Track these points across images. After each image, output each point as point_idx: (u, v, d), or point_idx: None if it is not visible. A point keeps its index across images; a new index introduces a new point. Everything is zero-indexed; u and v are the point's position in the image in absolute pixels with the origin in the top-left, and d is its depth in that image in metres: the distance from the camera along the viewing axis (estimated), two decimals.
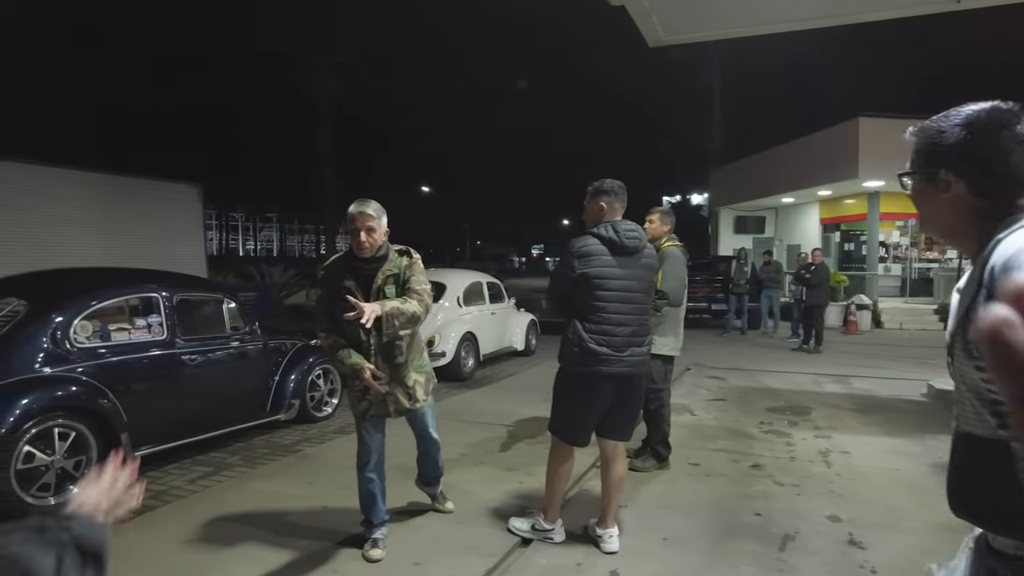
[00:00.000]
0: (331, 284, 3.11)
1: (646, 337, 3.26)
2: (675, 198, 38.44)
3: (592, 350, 3.09)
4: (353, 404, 3.25)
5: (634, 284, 3.16)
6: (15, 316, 4.11)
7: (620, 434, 3.35)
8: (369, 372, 3.04)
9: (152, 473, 4.52)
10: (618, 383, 3.18)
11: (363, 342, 3.07)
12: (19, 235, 9.48)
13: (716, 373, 8.36)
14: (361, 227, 2.98)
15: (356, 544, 3.30)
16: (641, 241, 3.20)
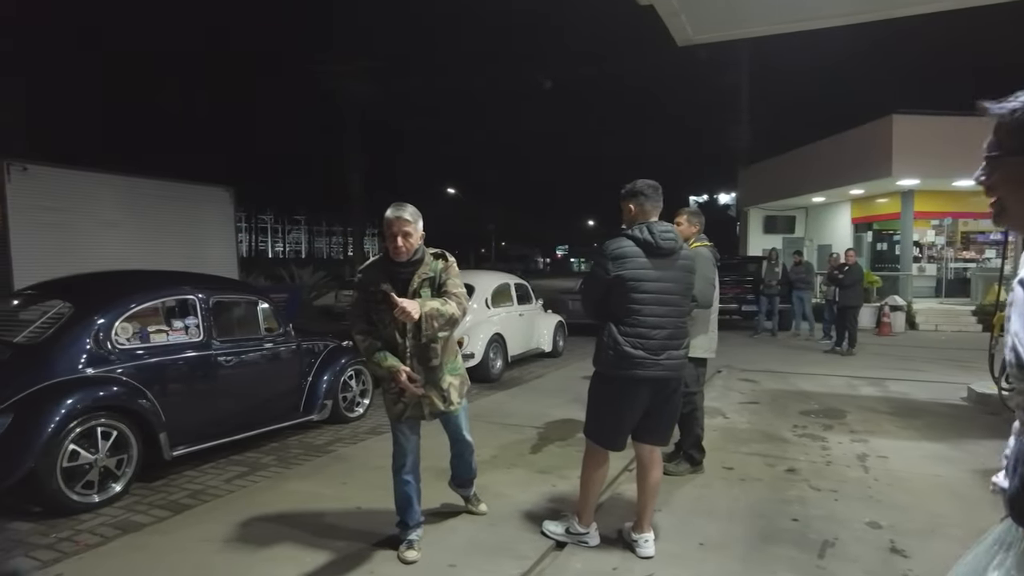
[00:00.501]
0: (367, 287, 3.13)
1: (684, 340, 3.22)
2: (702, 198, 38.09)
3: (628, 353, 3.06)
4: (388, 407, 3.25)
5: (670, 286, 3.13)
6: (60, 318, 4.22)
7: (657, 439, 3.32)
8: (405, 375, 3.05)
9: (189, 472, 4.61)
10: (655, 387, 3.15)
11: (399, 344, 3.09)
12: (62, 238, 9.74)
13: (748, 375, 8.26)
14: (398, 232, 3.01)
15: (391, 545, 3.32)
16: (677, 242, 3.17)
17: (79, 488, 3.88)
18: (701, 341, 4.33)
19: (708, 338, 4.40)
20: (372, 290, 3.09)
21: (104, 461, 3.98)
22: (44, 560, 3.28)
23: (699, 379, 4.50)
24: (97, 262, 8.10)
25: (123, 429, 4.08)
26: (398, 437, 3.27)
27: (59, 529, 3.66)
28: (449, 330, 3.17)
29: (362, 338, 3.14)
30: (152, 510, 3.95)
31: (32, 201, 9.61)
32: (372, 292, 3.08)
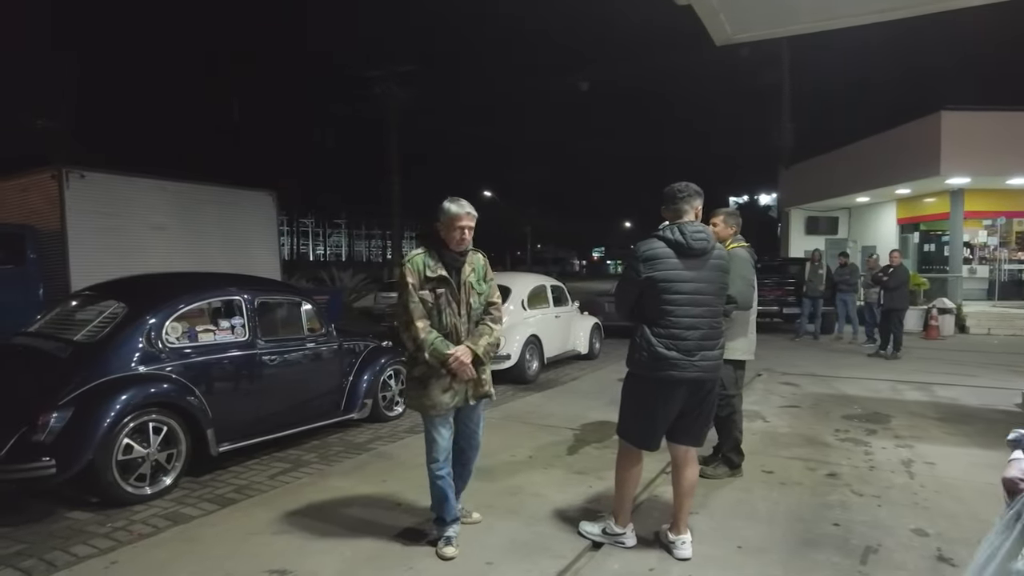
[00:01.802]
0: (424, 275, 3.20)
1: (718, 341, 3.19)
2: (742, 198, 37.48)
3: (661, 354, 3.06)
4: (437, 399, 3.22)
5: (704, 287, 3.11)
6: (115, 318, 4.41)
7: (692, 440, 3.31)
8: (464, 355, 3.19)
9: (235, 468, 4.76)
10: (689, 388, 3.14)
11: (455, 330, 3.25)
12: (115, 241, 10.13)
13: (789, 379, 8.11)
14: (465, 225, 3.21)
15: (430, 542, 3.38)
16: (709, 242, 3.14)
17: (132, 481, 4.04)
18: (739, 343, 4.30)
19: (747, 340, 4.37)
20: (430, 276, 3.19)
21: (155, 455, 4.15)
22: (101, 548, 3.44)
23: (737, 382, 4.46)
24: (147, 264, 8.42)
25: (173, 425, 4.24)
26: (433, 433, 3.30)
27: (114, 519, 3.83)
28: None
29: (424, 325, 3.17)
30: (200, 503, 4.10)
31: (88, 206, 10.03)
32: (429, 279, 3.19)
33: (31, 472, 3.72)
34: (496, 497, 4.07)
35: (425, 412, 3.28)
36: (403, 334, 3.24)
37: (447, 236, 3.23)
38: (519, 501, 4.03)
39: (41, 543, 3.54)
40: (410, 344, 3.21)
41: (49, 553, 3.41)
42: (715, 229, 4.27)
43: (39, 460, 3.72)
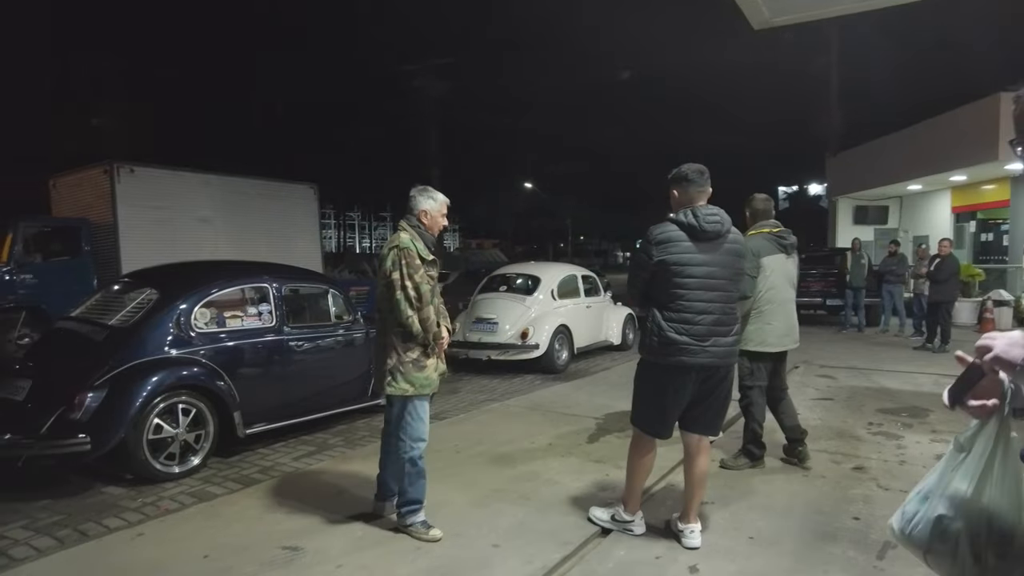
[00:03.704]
0: (422, 258, 3.29)
1: (732, 327, 3.13)
2: (791, 188, 36.48)
3: (672, 339, 3.01)
4: (431, 376, 3.32)
5: (716, 271, 3.05)
6: (148, 303, 4.60)
7: (705, 428, 3.25)
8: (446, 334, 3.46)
9: (262, 450, 4.92)
10: (701, 374, 3.09)
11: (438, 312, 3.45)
12: (163, 233, 10.55)
13: (826, 372, 7.90)
14: (446, 214, 3.51)
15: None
16: (723, 226, 3.07)
17: (162, 459, 4.23)
18: (749, 333, 4.19)
19: (759, 330, 4.21)
20: (423, 259, 3.29)
21: (184, 436, 4.33)
22: (130, 521, 3.62)
23: (752, 372, 4.34)
24: (193, 255, 8.73)
25: (201, 407, 4.42)
26: (421, 412, 3.34)
27: (145, 495, 4.02)
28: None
29: (433, 308, 3.31)
30: (226, 482, 4.26)
31: (138, 200, 10.47)
32: (425, 261, 3.30)
33: (69, 448, 3.93)
34: (510, 482, 4.11)
35: (422, 392, 3.30)
36: (410, 316, 3.19)
37: (433, 223, 3.42)
38: (533, 487, 4.05)
39: (77, 514, 3.74)
40: (416, 327, 3.21)
41: (83, 524, 3.61)
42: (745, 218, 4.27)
43: (76, 437, 3.93)
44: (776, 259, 4.22)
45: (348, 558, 3.12)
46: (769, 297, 4.19)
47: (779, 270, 4.24)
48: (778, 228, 4.32)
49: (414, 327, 3.22)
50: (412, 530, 3.31)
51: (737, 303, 4.02)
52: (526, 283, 8.94)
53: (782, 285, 4.27)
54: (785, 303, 4.30)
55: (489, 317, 8.34)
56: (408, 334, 3.24)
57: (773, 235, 4.27)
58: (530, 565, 3.02)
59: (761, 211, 4.38)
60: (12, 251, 9.50)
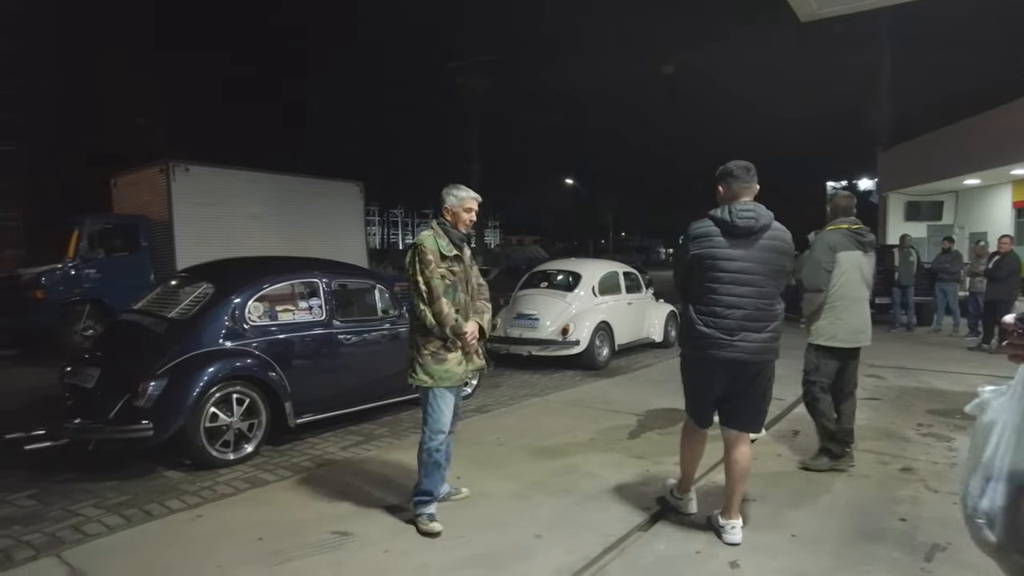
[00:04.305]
0: (439, 254, 3.35)
1: (767, 323, 3.11)
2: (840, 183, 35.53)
3: (701, 332, 3.09)
4: (453, 370, 3.38)
5: (750, 266, 3.05)
6: (204, 297, 4.82)
7: (742, 424, 3.27)
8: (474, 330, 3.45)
9: (311, 439, 5.10)
10: (732, 369, 3.12)
11: (460, 308, 3.45)
12: (215, 229, 10.94)
13: (874, 371, 7.71)
14: (473, 207, 3.51)
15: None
16: (757, 222, 3.06)
17: (218, 446, 4.44)
18: (820, 327, 4.23)
19: (830, 325, 4.21)
20: (445, 255, 3.36)
21: (238, 424, 4.53)
22: (190, 504, 3.82)
23: (818, 367, 4.31)
24: (244, 251, 9.01)
25: (254, 397, 4.62)
26: (442, 405, 3.41)
27: (202, 479, 4.22)
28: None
29: (448, 302, 3.33)
30: (277, 469, 4.45)
31: (191, 198, 10.88)
32: (446, 257, 3.36)
33: (133, 433, 4.16)
34: (551, 475, 4.17)
35: (440, 384, 3.37)
36: (423, 310, 3.31)
37: (457, 218, 3.47)
38: (573, 480, 4.10)
39: (142, 495, 3.97)
40: (430, 320, 3.30)
41: (148, 504, 3.82)
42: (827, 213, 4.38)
43: (140, 423, 4.16)
44: (852, 255, 4.21)
45: (394, 544, 3.23)
46: (842, 292, 4.18)
47: (854, 266, 4.23)
48: (857, 225, 4.31)
49: (427, 320, 3.32)
50: (418, 520, 3.39)
51: (810, 296, 4.09)
52: (567, 279, 8.98)
53: (856, 281, 4.24)
54: (859, 300, 4.28)
55: (530, 313, 8.42)
56: (423, 327, 3.35)
57: (851, 231, 4.25)
58: (572, 556, 3.08)
59: (842, 207, 4.36)
60: (78, 247, 10.00)
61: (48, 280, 9.76)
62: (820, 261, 4.16)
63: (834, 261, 4.17)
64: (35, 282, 9.73)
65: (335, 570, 2.97)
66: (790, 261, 3.25)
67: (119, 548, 3.23)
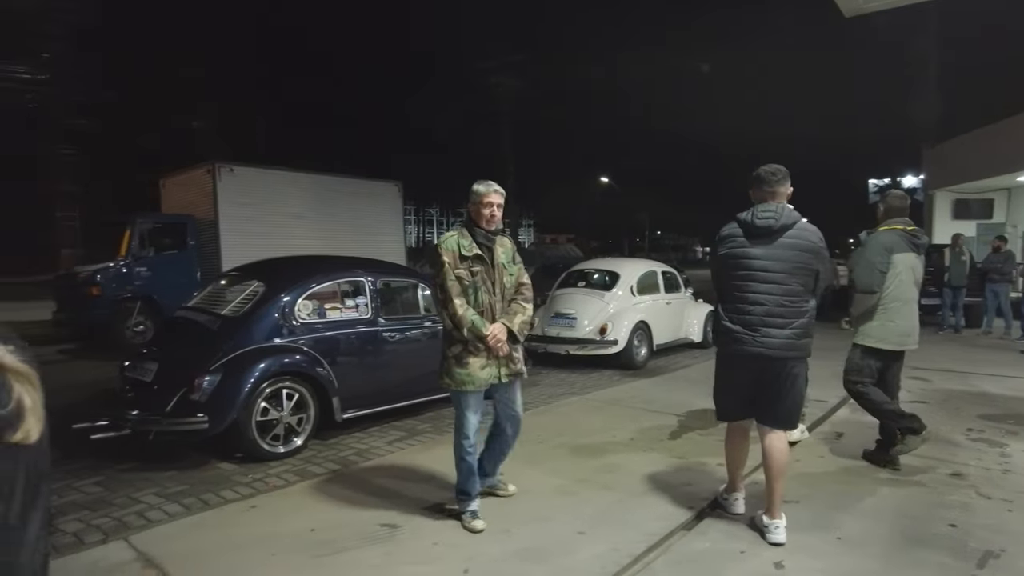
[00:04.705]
0: (459, 254, 3.31)
1: (792, 320, 3.18)
2: (883, 181, 34.64)
3: (727, 328, 3.29)
4: (475, 373, 3.32)
5: (771, 264, 3.19)
6: (255, 296, 4.98)
7: (773, 421, 3.34)
8: (498, 331, 3.30)
9: (357, 434, 5.24)
10: (756, 365, 3.23)
11: (485, 310, 3.35)
12: (258, 228, 11.23)
13: (920, 374, 7.55)
14: (494, 202, 3.36)
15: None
16: (777, 221, 3.19)
17: (269, 440, 4.59)
18: (868, 328, 4.19)
19: (880, 327, 4.17)
20: (465, 255, 3.31)
21: (287, 419, 4.67)
22: (243, 494, 3.97)
23: (861, 369, 4.27)
24: (287, 249, 9.24)
25: (303, 392, 4.76)
26: (466, 410, 3.39)
27: (254, 472, 4.37)
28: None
29: (462, 302, 3.27)
30: (325, 463, 4.58)
31: (236, 198, 11.18)
32: (465, 258, 3.30)
33: (189, 426, 4.33)
34: (593, 473, 4.22)
35: (462, 388, 3.35)
36: (441, 312, 3.36)
37: (477, 215, 3.38)
38: (615, 478, 4.14)
39: (198, 485, 4.13)
40: (448, 322, 3.31)
41: (204, 494, 3.98)
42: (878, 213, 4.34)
43: (195, 416, 4.32)
44: (907, 257, 4.17)
45: (441, 536, 3.32)
46: (895, 295, 4.15)
47: (908, 268, 4.19)
48: (911, 226, 4.27)
49: (444, 321, 3.36)
50: (461, 517, 3.46)
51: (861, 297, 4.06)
52: (604, 279, 8.98)
53: (909, 283, 4.21)
54: (909, 302, 4.24)
55: (567, 312, 8.46)
56: (445, 329, 3.38)
57: (906, 232, 4.21)
58: (616, 552, 3.13)
59: (896, 208, 4.31)
60: (130, 246, 10.37)
61: (103, 277, 10.14)
62: (874, 262, 4.11)
63: (889, 263, 4.13)
64: (91, 279, 10.13)
65: (385, 560, 3.07)
66: (817, 259, 3.27)
67: (179, 535, 3.38)
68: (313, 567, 3.01)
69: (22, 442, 1.00)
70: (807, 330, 3.23)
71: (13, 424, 0.98)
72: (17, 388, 1.00)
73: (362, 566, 3.01)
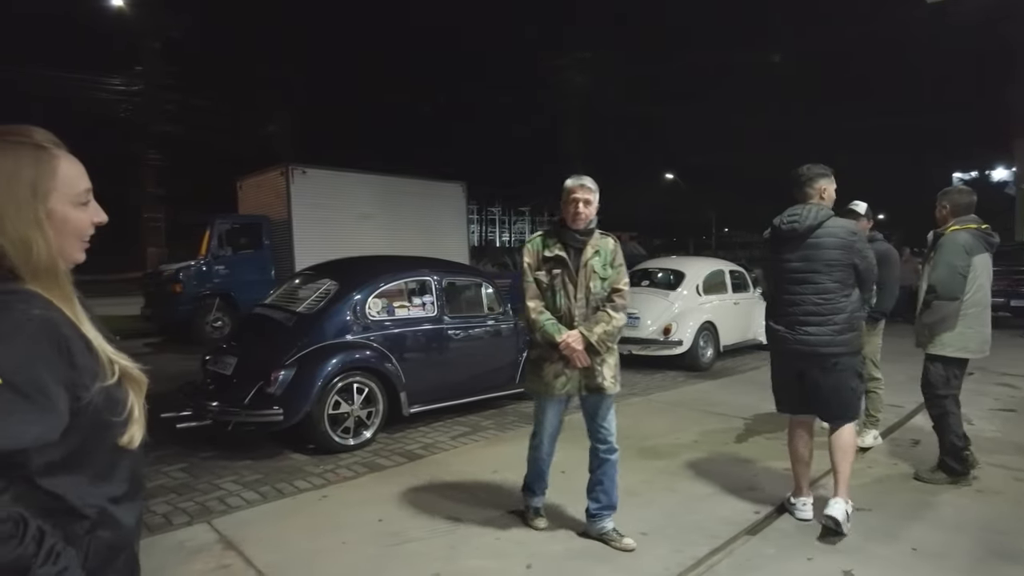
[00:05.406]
0: (541, 255, 3.16)
1: (830, 317, 3.27)
2: (969, 174, 32.74)
3: (771, 327, 3.50)
4: (548, 381, 3.14)
5: (801, 265, 3.31)
6: (329, 294, 5.18)
7: (824, 414, 3.48)
8: (575, 340, 3.04)
9: (422, 428, 5.38)
10: (799, 362, 3.37)
11: (564, 315, 3.12)
12: (329, 228, 11.61)
13: (1007, 380, 7.15)
14: (580, 198, 3.07)
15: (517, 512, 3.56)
16: (801, 224, 3.29)
17: (339, 432, 4.78)
18: (949, 337, 3.94)
19: (961, 335, 3.93)
20: (547, 256, 3.13)
21: (358, 412, 4.85)
22: (315, 484, 4.15)
23: (948, 381, 4.04)
24: (356, 248, 9.54)
25: (373, 386, 4.93)
26: (541, 415, 3.30)
27: (325, 463, 4.56)
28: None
29: (535, 305, 3.11)
30: (392, 456, 4.73)
31: (308, 199, 11.59)
32: (546, 259, 3.13)
33: (265, 417, 4.55)
34: (656, 474, 4.20)
35: (536, 394, 3.26)
36: (522, 314, 3.28)
37: (565, 213, 3.13)
38: (679, 481, 4.11)
39: (273, 474, 4.34)
40: (526, 324, 3.23)
41: (279, 483, 4.18)
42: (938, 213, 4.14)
43: (271, 409, 4.54)
44: (985, 259, 3.95)
45: (504, 532, 3.38)
46: (976, 299, 3.93)
47: (986, 270, 3.96)
48: (985, 225, 4.02)
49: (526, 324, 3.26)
50: (525, 515, 3.49)
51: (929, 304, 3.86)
52: (668, 278, 8.87)
53: (987, 287, 3.99)
54: (988, 307, 4.02)
55: (630, 312, 8.36)
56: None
57: (981, 232, 3.96)
58: (679, 555, 3.11)
59: (963, 205, 4.04)
60: (210, 245, 10.93)
61: (185, 275, 10.73)
62: (956, 266, 3.85)
63: (970, 265, 3.88)
64: (174, 277, 10.73)
65: (450, 553, 3.16)
66: (849, 253, 3.29)
67: (257, 520, 3.57)
68: (381, 556, 3.13)
69: (126, 447, 1.13)
70: (850, 325, 3.31)
71: (122, 431, 1.12)
72: (131, 398, 1.13)
73: (428, 558, 3.11)
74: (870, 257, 3.39)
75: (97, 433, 1.09)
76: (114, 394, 1.10)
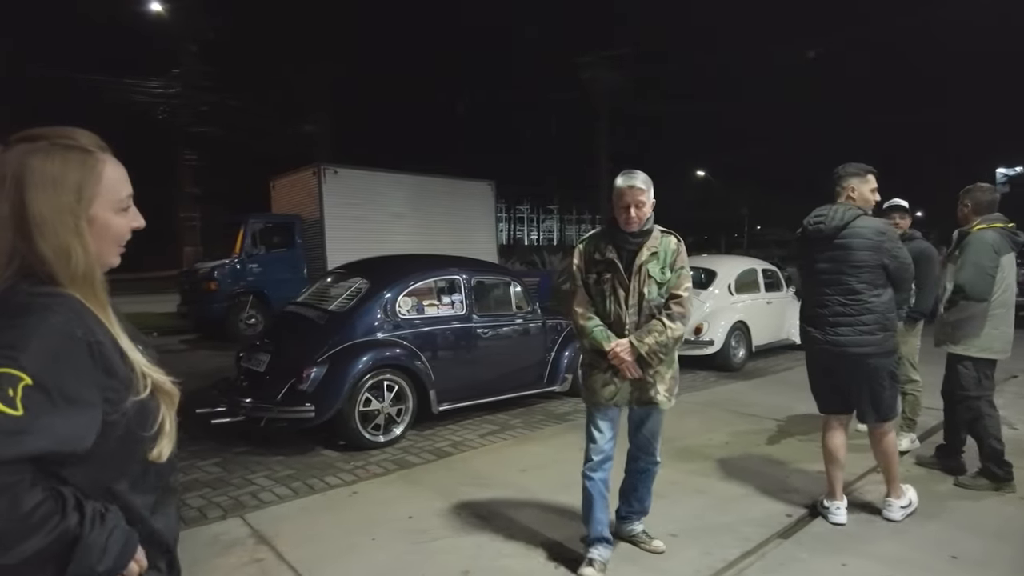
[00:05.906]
0: (591, 258, 2.96)
1: (855, 317, 3.26)
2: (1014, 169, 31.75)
3: (803, 328, 3.52)
4: (595, 390, 2.93)
5: (828, 267, 3.31)
6: (360, 292, 5.24)
7: (863, 416, 3.47)
8: (625, 350, 2.83)
9: (451, 426, 5.40)
10: (830, 362, 3.38)
11: (618, 320, 2.89)
12: (361, 228, 11.75)
13: None
14: (631, 201, 2.78)
15: None
16: (827, 225, 3.28)
17: (370, 429, 4.82)
18: (976, 340, 3.85)
19: (988, 336, 3.83)
20: (597, 259, 2.93)
21: (388, 409, 4.90)
22: (346, 480, 4.20)
23: (979, 382, 3.94)
24: (387, 247, 9.65)
25: (403, 384, 4.97)
26: (592, 427, 2.98)
27: (356, 459, 4.61)
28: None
29: (583, 311, 2.93)
30: (422, 453, 4.76)
31: (340, 198, 11.74)
32: (597, 263, 2.93)
33: (297, 414, 4.62)
34: (686, 476, 4.15)
35: (586, 402, 3.04)
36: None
37: (616, 215, 2.86)
38: (709, 482, 4.07)
39: (304, 470, 4.41)
40: (575, 329, 3.04)
41: (310, 479, 4.24)
42: (960, 211, 4.05)
43: (303, 405, 4.61)
44: (1011, 258, 3.86)
45: (534, 531, 3.38)
46: (1004, 300, 3.84)
47: (1013, 270, 3.89)
48: (1011, 224, 3.92)
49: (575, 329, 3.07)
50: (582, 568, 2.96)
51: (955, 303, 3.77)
52: (700, 276, 8.75)
53: (1013, 287, 3.91)
54: (1013, 307, 3.92)
55: None
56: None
57: (1008, 231, 3.86)
58: (709, 556, 3.08)
59: (986, 203, 3.94)
60: (243, 244, 11.13)
61: (219, 273, 10.94)
62: (984, 266, 3.74)
63: (998, 265, 3.78)
64: (209, 275, 10.95)
65: (478, 552, 3.16)
66: (877, 253, 3.25)
67: (289, 516, 3.63)
68: (411, 554, 3.15)
69: (155, 460, 1.15)
70: (881, 324, 3.27)
71: (151, 445, 1.14)
72: (162, 411, 1.14)
73: (457, 555, 3.12)
74: (902, 256, 3.29)
75: (127, 446, 1.09)
76: (146, 407, 1.10)
